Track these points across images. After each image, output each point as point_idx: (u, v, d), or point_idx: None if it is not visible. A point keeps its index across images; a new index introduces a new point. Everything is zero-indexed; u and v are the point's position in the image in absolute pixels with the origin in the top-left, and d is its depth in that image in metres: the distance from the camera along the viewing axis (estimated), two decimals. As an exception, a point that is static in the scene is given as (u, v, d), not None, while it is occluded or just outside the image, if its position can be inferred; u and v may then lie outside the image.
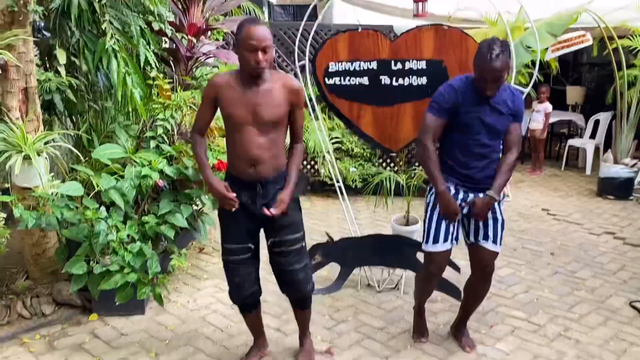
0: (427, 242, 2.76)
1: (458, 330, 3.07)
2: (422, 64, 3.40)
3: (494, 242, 2.75)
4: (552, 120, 7.43)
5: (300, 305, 2.77)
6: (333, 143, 5.84)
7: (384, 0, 6.14)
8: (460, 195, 2.72)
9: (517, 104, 2.67)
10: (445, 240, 2.72)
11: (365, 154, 6.02)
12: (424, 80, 3.41)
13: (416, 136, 3.57)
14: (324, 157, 5.57)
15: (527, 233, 4.88)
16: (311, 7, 4.07)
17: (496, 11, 3.71)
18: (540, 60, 3.74)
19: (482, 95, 2.57)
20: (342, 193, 3.77)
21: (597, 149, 7.22)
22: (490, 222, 2.74)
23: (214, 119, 2.57)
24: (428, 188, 2.82)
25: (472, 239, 2.79)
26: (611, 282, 3.86)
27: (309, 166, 6.34)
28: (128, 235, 3.06)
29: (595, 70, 9.09)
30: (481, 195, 2.70)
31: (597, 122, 7.25)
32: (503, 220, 2.78)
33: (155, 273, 3.02)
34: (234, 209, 2.44)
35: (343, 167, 5.80)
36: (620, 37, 6.14)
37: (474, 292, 2.94)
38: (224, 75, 2.41)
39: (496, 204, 2.73)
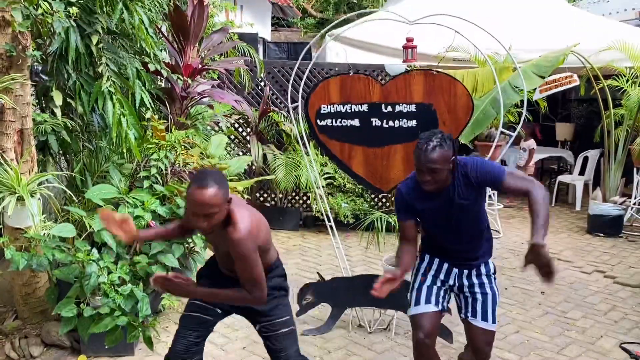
0: (410, 306, 2.59)
1: None
2: (412, 107, 3.48)
3: (484, 319, 2.50)
4: (542, 156, 7.55)
5: None
6: (325, 178, 5.88)
7: (376, 40, 6.29)
8: (445, 267, 2.58)
9: (477, 175, 2.37)
10: (428, 302, 2.52)
11: (357, 189, 6.07)
12: (413, 122, 3.50)
13: (406, 177, 3.67)
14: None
15: (518, 271, 4.90)
16: (306, 49, 4.19)
17: (483, 56, 3.82)
18: (528, 99, 3.84)
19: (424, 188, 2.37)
20: (333, 233, 3.80)
21: (586, 185, 7.32)
22: (479, 297, 2.53)
23: None
24: (418, 256, 2.70)
25: (462, 314, 2.61)
26: (602, 323, 3.87)
27: (301, 201, 6.39)
28: (119, 277, 3.06)
29: (583, 106, 9.28)
30: (477, 266, 2.55)
31: (586, 159, 7.37)
32: (494, 294, 2.55)
33: (146, 316, 3.01)
34: None
35: (335, 203, 5.84)
36: (606, 77, 6.30)
37: None
38: None
39: (484, 277, 2.55)
